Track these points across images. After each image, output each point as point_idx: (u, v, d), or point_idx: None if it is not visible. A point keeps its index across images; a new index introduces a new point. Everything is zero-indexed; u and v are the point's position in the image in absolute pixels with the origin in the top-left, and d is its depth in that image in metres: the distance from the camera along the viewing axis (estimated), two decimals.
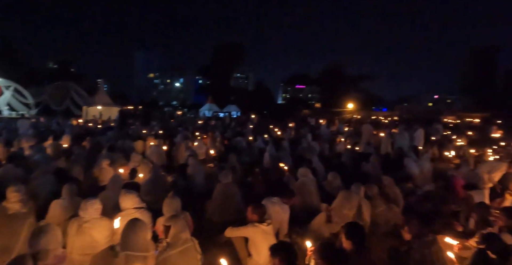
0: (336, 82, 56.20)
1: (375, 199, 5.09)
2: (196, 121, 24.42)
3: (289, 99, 75.17)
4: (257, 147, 10.87)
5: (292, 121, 24.17)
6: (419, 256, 3.29)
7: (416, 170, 7.95)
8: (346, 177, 6.43)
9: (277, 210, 4.21)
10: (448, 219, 4.84)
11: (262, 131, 16.33)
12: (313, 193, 5.70)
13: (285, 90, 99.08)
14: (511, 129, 20.33)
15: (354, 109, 48.95)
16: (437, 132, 16.74)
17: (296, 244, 4.12)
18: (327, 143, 11.70)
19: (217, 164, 8.38)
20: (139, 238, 2.92)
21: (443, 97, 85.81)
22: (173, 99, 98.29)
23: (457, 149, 12.18)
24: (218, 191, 5.51)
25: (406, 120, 26.05)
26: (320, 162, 8.16)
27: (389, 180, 5.80)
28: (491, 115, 34.83)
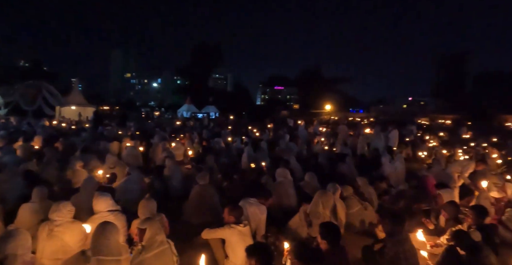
0: (314, 84, 56.80)
1: (350, 199, 5.19)
2: (174, 122, 24.14)
3: (268, 101, 75.46)
4: (235, 148, 10.85)
5: (270, 122, 24.29)
6: (393, 254, 3.37)
7: (391, 170, 8.17)
8: (323, 177, 6.53)
9: (254, 211, 4.22)
10: (420, 217, 4.98)
11: (240, 132, 16.35)
12: (291, 194, 5.74)
13: (264, 91, 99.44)
14: (480, 131, 21.21)
15: (331, 110, 49.71)
16: (410, 133, 17.24)
17: (273, 244, 4.15)
18: (305, 144, 11.81)
19: (194, 165, 8.29)
20: (110, 241, 2.85)
21: (416, 100, 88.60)
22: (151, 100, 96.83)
23: (430, 149, 12.57)
24: (195, 192, 5.46)
25: (382, 121, 26.67)
26: (298, 162, 8.24)
27: (363, 181, 5.92)
28: (462, 117, 36.16)
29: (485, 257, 3.34)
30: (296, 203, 5.70)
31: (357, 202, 5.23)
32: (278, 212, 5.54)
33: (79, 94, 31.61)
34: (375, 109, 55.30)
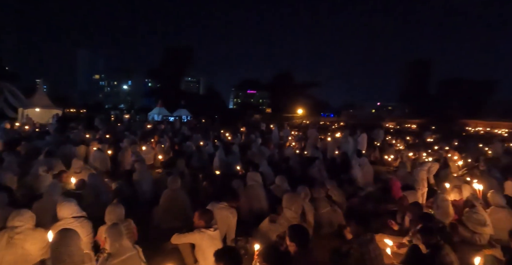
0: (286, 88, 57.48)
1: (320, 200, 5.29)
2: (145, 126, 23.63)
3: (241, 104, 75.50)
4: (207, 152, 10.78)
5: (243, 126, 24.31)
6: (358, 255, 3.47)
7: (359, 173, 8.39)
8: (293, 180, 6.61)
9: (225, 215, 4.22)
10: (386, 218, 5.16)
11: (212, 136, 16.25)
12: (261, 197, 5.77)
13: (237, 95, 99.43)
14: (443, 135, 22.23)
15: (303, 114, 50.48)
16: (378, 137, 17.76)
17: (243, 248, 4.16)
18: (277, 148, 11.91)
19: (165, 170, 8.17)
20: (72, 249, 2.76)
21: (384, 105, 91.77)
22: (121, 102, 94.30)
23: (396, 153, 13.02)
24: (166, 197, 5.38)
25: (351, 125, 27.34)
26: (269, 166, 8.30)
27: (332, 184, 6.05)
28: (426, 121, 37.70)
29: (445, 255, 3.50)
30: (267, 206, 5.74)
31: (326, 203, 5.34)
32: (249, 216, 5.56)
33: (44, 96, 30.21)
34: (345, 114, 56.73)
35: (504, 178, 8.14)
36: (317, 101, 61.64)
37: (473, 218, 5.05)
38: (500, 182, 7.71)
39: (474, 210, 5.10)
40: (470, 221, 5.08)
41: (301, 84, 60.95)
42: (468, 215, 5.16)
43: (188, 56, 54.24)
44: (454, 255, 3.55)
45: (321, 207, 5.21)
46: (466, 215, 5.21)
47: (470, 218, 5.11)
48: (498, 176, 8.41)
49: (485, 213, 5.14)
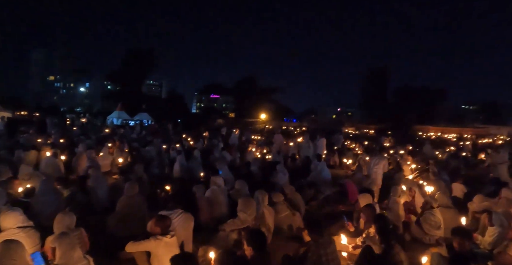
0: (250, 93, 57.78)
1: (279, 204, 5.36)
2: (103, 130, 22.74)
3: (204, 109, 74.86)
4: (168, 157, 10.57)
5: (206, 130, 24.10)
6: (316, 258, 3.54)
7: (319, 177, 8.60)
8: (254, 185, 6.64)
9: (182, 221, 4.15)
10: (342, 221, 5.32)
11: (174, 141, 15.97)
12: (222, 202, 5.75)
13: (200, 99, 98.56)
14: (399, 139, 23.32)
15: (266, 119, 50.91)
16: (338, 141, 18.32)
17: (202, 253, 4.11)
18: (238, 152, 11.92)
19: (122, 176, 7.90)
20: (16, 262, 2.59)
21: (344, 110, 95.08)
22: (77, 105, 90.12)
23: (354, 157, 13.48)
24: (122, 203, 5.20)
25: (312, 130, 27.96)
26: (231, 171, 8.29)
27: (290, 188, 6.16)
28: (383, 127, 39.40)
29: (396, 254, 3.67)
30: (227, 211, 5.73)
31: (285, 207, 5.42)
32: (210, 221, 5.52)
33: None
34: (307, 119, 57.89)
35: (452, 180, 8.71)
36: (280, 106, 62.47)
37: (431, 219, 5.30)
38: (448, 184, 8.23)
39: (432, 211, 5.36)
40: (427, 222, 5.31)
41: (265, 89, 61.47)
42: (426, 216, 5.40)
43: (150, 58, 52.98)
44: (404, 254, 3.73)
45: (280, 211, 5.28)
46: (425, 216, 5.45)
47: (427, 220, 5.33)
48: (446, 178, 8.97)
49: (440, 216, 5.42)
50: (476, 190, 7.33)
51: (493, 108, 71.84)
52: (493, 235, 4.89)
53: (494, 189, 7.35)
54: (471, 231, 4.58)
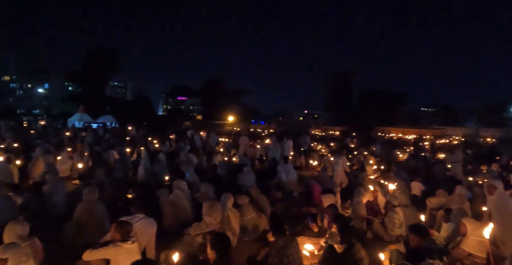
0: (218, 95, 57.48)
1: (245, 207, 5.35)
2: (63, 133, 21.75)
3: (170, 111, 73.59)
4: (132, 161, 10.27)
5: (172, 133, 23.69)
6: (278, 261, 3.54)
7: (285, 178, 8.67)
8: (221, 187, 6.60)
9: (144, 226, 4.02)
10: (307, 221, 5.39)
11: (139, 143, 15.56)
12: (186, 206, 5.66)
13: (167, 101, 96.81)
14: (362, 141, 24.06)
15: (234, 121, 50.85)
16: (305, 143, 18.60)
17: (164, 258, 4.01)
18: (205, 155, 11.80)
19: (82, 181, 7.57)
20: None
21: (311, 112, 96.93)
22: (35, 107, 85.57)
23: (320, 158, 13.74)
24: (80, 210, 4.98)
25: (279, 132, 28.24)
26: (197, 174, 8.18)
27: (255, 190, 6.17)
28: (348, 128, 40.50)
29: (356, 251, 3.77)
30: (192, 215, 5.64)
31: (251, 210, 5.42)
32: (173, 225, 5.41)
33: None
34: (275, 121, 58.43)
35: (411, 179, 9.09)
36: (248, 109, 62.63)
37: (394, 218, 5.48)
38: (407, 183, 8.57)
39: (395, 210, 5.55)
40: (391, 222, 5.50)
41: (233, 92, 61.43)
42: (390, 215, 5.57)
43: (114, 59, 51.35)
44: (364, 252, 3.83)
45: (246, 214, 5.27)
46: (389, 215, 5.61)
47: (391, 218, 5.51)
48: (406, 177, 9.34)
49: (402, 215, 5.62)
50: (434, 188, 7.67)
51: (449, 111, 75.92)
52: (448, 231, 5.14)
53: (450, 187, 7.74)
54: (427, 227, 4.78)
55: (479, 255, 4.19)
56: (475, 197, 7.42)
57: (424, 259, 3.09)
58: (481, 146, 26.03)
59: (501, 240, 4.88)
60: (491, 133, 41.56)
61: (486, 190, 5.10)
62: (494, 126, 50.26)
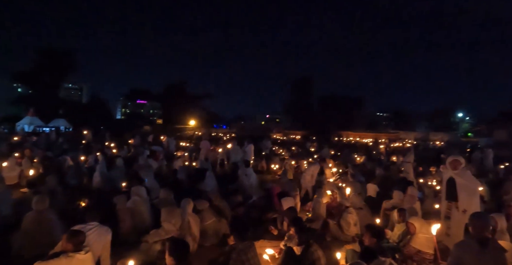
0: (179, 99, 56.43)
1: (204, 212, 5.31)
2: (11, 138, 20.38)
3: (129, 115, 71.38)
4: (86, 167, 9.84)
5: (131, 137, 22.99)
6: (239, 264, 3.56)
7: (246, 182, 8.72)
8: (181, 193, 6.49)
9: (97, 234, 3.87)
10: (267, 225, 5.45)
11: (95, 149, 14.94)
12: (145, 213, 5.52)
13: (125, 105, 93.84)
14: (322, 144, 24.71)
15: (195, 126, 50.25)
16: (266, 147, 18.79)
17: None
18: (165, 160, 11.58)
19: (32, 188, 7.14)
20: None
21: (273, 117, 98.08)
22: None
23: (281, 162, 13.94)
24: (29, 219, 4.69)
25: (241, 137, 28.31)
26: (156, 179, 8.00)
27: (216, 195, 6.16)
28: (308, 132, 41.46)
29: (313, 251, 3.87)
30: (151, 221, 5.51)
31: (211, 214, 5.39)
32: (131, 233, 5.25)
33: None
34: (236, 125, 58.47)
35: (367, 181, 9.48)
36: (210, 113, 62.11)
37: (348, 217, 5.69)
38: (363, 185, 8.93)
39: (348, 210, 5.75)
40: (346, 222, 5.69)
41: (194, 96, 60.65)
42: (344, 215, 5.77)
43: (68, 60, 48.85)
44: (321, 251, 3.95)
45: (206, 219, 5.23)
46: (343, 215, 5.81)
47: (345, 218, 5.72)
48: (362, 180, 9.73)
49: (355, 214, 5.84)
50: (388, 189, 8.04)
51: (402, 115, 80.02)
52: (400, 230, 5.42)
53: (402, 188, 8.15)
54: (381, 227, 5.02)
55: (427, 251, 4.46)
56: (425, 197, 7.88)
57: (377, 257, 3.24)
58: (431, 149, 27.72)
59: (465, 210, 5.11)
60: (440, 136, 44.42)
61: (451, 166, 5.38)
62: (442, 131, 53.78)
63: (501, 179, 10.37)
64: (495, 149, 19.10)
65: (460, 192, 5.15)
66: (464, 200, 5.14)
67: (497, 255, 3.18)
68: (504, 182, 9.37)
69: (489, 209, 6.92)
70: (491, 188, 8.66)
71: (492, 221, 4.80)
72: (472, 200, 5.15)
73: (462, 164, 5.39)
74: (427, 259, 4.45)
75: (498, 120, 48.03)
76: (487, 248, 3.17)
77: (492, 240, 3.32)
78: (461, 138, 49.52)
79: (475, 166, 13.27)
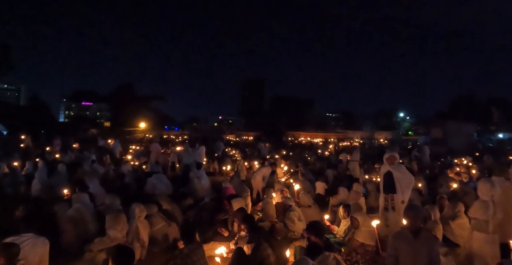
0: (128, 100, 54.25)
1: (154, 216, 5.18)
2: None
3: (74, 117, 67.51)
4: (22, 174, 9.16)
5: (76, 141, 21.78)
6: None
7: (198, 184, 8.62)
8: (129, 198, 6.26)
9: (32, 246, 3.60)
10: (217, 227, 5.44)
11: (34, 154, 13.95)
12: (88, 221, 5.26)
13: (69, 107, 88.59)
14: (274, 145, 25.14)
15: (146, 128, 48.68)
16: (219, 149, 18.71)
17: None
18: (113, 164, 11.12)
19: None
20: None
21: (225, 118, 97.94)
22: None
23: (233, 163, 13.95)
24: None
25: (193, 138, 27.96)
26: (103, 184, 7.66)
27: (165, 198, 6.04)
28: (260, 133, 41.95)
29: (263, 250, 3.95)
30: (95, 229, 5.26)
31: (160, 219, 5.26)
32: (74, 242, 4.98)
33: None
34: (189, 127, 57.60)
35: (316, 179, 9.80)
36: (161, 115, 60.48)
37: (291, 215, 5.85)
38: (313, 183, 9.23)
39: (290, 209, 5.92)
40: (289, 220, 5.86)
41: (144, 97, 58.77)
42: (287, 214, 5.94)
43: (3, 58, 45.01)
44: (270, 250, 4.04)
45: (155, 223, 5.10)
46: (286, 214, 5.97)
47: (289, 216, 5.88)
48: (312, 178, 10.05)
49: (299, 211, 6.03)
50: (336, 186, 8.38)
51: (350, 116, 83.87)
52: (346, 225, 5.69)
53: (349, 184, 8.54)
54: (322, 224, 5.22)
55: (369, 243, 4.72)
56: (369, 193, 8.32)
57: (322, 252, 3.38)
58: (375, 147, 29.33)
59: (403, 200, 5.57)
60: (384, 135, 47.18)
61: (388, 161, 5.78)
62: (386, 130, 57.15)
63: (436, 174, 11.25)
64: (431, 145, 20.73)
65: (397, 184, 5.57)
66: (400, 192, 5.56)
67: (429, 243, 3.46)
68: (439, 176, 10.20)
69: (425, 201, 7.51)
70: (428, 182, 9.35)
71: (427, 212, 5.25)
72: (407, 191, 5.60)
73: (397, 159, 5.81)
74: (370, 251, 4.71)
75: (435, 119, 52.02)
76: (420, 237, 3.44)
77: (424, 230, 3.61)
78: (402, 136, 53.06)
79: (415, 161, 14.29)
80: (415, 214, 3.53)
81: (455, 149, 21.36)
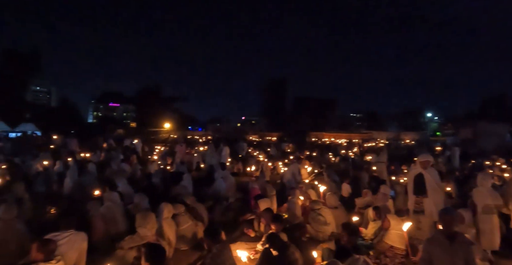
0: (153, 101, 55.51)
1: (181, 216, 5.25)
2: None
3: (101, 118, 69.60)
4: (56, 173, 9.50)
5: (104, 141, 22.40)
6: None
7: (223, 185, 8.68)
8: (156, 197, 6.38)
9: (71, 242, 3.74)
10: (243, 227, 5.46)
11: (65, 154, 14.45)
12: (119, 219, 5.39)
13: (97, 108, 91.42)
14: (298, 145, 24.99)
15: (170, 129, 49.53)
16: (242, 149, 18.79)
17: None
18: (139, 164, 11.36)
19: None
20: None
21: (248, 119, 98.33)
22: None
23: (258, 163, 13.96)
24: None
25: (216, 139, 28.18)
26: (131, 184, 7.83)
27: (192, 198, 6.11)
28: (283, 134, 41.81)
29: (291, 253, 3.92)
30: (125, 227, 5.39)
31: (188, 218, 5.33)
32: (105, 240, 5.11)
33: None
34: (212, 128, 58.14)
35: (341, 181, 9.65)
36: (185, 116, 61.48)
37: (316, 218, 5.79)
38: (338, 184, 9.10)
39: (316, 210, 5.86)
40: (314, 221, 5.81)
41: (168, 98, 59.92)
42: (312, 216, 5.89)
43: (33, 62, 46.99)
44: (298, 253, 4.01)
45: (182, 223, 5.17)
46: (311, 216, 5.93)
47: (314, 219, 5.83)
48: (337, 179, 9.90)
49: (326, 213, 5.96)
50: (361, 188, 8.23)
51: (374, 116, 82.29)
52: (374, 227, 5.57)
53: (375, 186, 8.37)
54: (356, 225, 5.14)
55: (399, 246, 4.61)
56: (397, 195, 8.12)
57: (352, 255, 3.32)
58: (402, 148, 28.61)
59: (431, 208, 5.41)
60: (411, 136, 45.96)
61: (422, 165, 5.64)
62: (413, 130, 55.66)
63: (467, 175, 10.84)
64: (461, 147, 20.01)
65: (428, 187, 5.42)
66: (431, 194, 5.41)
67: (465, 248, 3.33)
68: (469, 178, 9.82)
69: (456, 204, 7.25)
70: (458, 185, 9.02)
71: (460, 216, 5.07)
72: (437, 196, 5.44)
73: (431, 163, 5.66)
74: (399, 255, 4.60)
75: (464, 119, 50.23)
76: (455, 242, 3.32)
77: (459, 234, 3.49)
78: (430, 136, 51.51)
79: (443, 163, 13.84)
80: (451, 217, 3.41)
81: (486, 150, 20.52)
